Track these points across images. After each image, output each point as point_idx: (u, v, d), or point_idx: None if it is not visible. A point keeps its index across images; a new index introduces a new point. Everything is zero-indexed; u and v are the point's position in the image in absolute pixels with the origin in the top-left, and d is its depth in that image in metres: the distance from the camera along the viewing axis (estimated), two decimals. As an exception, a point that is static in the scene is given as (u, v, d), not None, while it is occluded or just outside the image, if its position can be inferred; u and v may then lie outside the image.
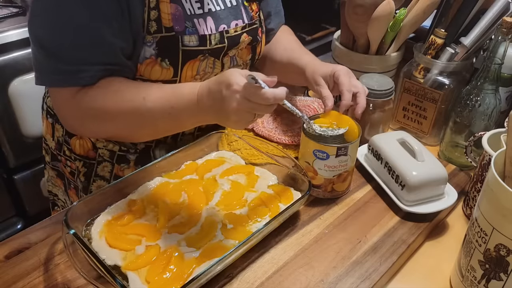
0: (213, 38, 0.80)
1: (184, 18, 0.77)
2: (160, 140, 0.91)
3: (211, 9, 0.81)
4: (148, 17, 0.74)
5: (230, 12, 0.84)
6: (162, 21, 0.75)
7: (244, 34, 0.85)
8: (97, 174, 0.93)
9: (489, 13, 0.86)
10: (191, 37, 0.77)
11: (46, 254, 0.70)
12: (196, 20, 0.78)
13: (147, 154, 0.92)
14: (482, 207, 0.60)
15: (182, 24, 0.77)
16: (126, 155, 0.91)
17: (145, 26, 0.74)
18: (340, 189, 0.81)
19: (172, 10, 0.75)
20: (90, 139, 0.91)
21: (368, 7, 0.90)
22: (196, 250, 0.67)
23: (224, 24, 0.82)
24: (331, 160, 0.76)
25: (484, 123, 0.86)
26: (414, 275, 0.72)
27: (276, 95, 0.64)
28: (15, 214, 1.70)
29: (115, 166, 0.92)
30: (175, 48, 0.77)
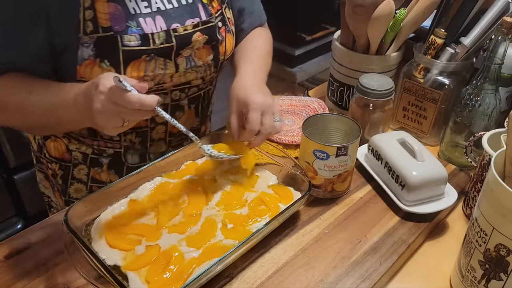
0: (157, 37, 0.76)
1: (125, 17, 0.74)
2: (128, 146, 0.89)
3: (160, 8, 0.78)
4: (84, 17, 0.72)
5: (186, 10, 0.80)
6: (99, 20, 0.72)
7: (197, 33, 0.81)
8: (73, 177, 0.92)
9: (489, 13, 0.86)
10: (131, 36, 0.74)
11: (46, 254, 0.70)
12: (143, 19, 0.76)
13: (119, 159, 0.91)
14: (482, 207, 0.60)
15: (122, 24, 0.74)
16: (99, 158, 0.90)
17: (81, 26, 0.72)
18: (340, 189, 0.81)
19: (110, 10, 0.73)
20: (63, 141, 0.90)
21: (368, 7, 0.90)
22: (196, 250, 0.67)
23: (177, 22, 0.79)
24: (331, 160, 0.76)
25: (484, 123, 0.86)
26: (414, 275, 0.72)
27: (143, 100, 0.61)
28: (15, 214, 1.70)
29: (91, 169, 0.91)
30: (115, 48, 0.74)
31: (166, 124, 0.89)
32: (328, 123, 0.83)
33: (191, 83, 0.86)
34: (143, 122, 0.86)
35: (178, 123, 0.69)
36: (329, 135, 0.84)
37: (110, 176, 0.92)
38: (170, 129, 0.90)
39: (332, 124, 0.83)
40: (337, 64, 1.03)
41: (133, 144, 0.89)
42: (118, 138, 0.87)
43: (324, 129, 0.83)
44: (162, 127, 0.89)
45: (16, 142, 1.55)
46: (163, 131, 0.90)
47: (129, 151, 0.90)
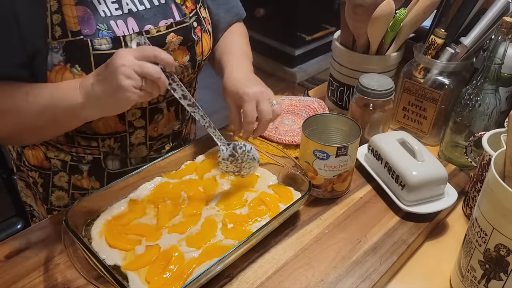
0: (129, 39, 0.74)
1: (95, 20, 0.72)
2: (107, 152, 0.87)
3: (132, 9, 0.75)
4: (51, 21, 0.69)
5: (158, 11, 0.78)
6: (67, 24, 0.70)
7: (171, 34, 0.79)
8: (54, 185, 0.90)
9: (489, 13, 0.86)
10: (102, 40, 0.72)
11: (46, 254, 0.70)
12: (114, 22, 0.73)
13: (99, 165, 0.88)
14: (482, 207, 0.60)
15: (92, 27, 0.72)
16: (78, 165, 0.88)
17: (49, 31, 0.70)
18: (340, 189, 0.81)
19: (79, 13, 0.71)
20: (41, 149, 0.88)
21: (368, 7, 0.90)
22: (196, 250, 0.67)
23: (150, 24, 0.77)
24: (331, 160, 0.76)
25: (484, 123, 0.86)
26: (414, 275, 0.72)
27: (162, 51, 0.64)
28: (15, 214, 1.70)
29: (72, 176, 0.89)
30: (85, 53, 0.72)
31: (146, 128, 0.86)
32: (328, 123, 0.83)
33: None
34: (121, 127, 0.83)
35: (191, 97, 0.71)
36: (329, 135, 0.84)
37: (92, 183, 0.90)
38: (150, 133, 0.88)
39: (332, 124, 0.83)
40: (337, 64, 1.03)
41: (112, 149, 0.87)
42: (96, 144, 0.85)
43: (324, 129, 0.83)
44: (141, 131, 0.86)
45: (16, 142, 1.55)
46: (142, 136, 0.87)
47: (108, 157, 0.88)
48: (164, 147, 0.93)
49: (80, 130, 0.82)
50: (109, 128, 0.83)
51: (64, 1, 0.70)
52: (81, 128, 0.82)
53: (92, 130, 0.83)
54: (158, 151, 0.92)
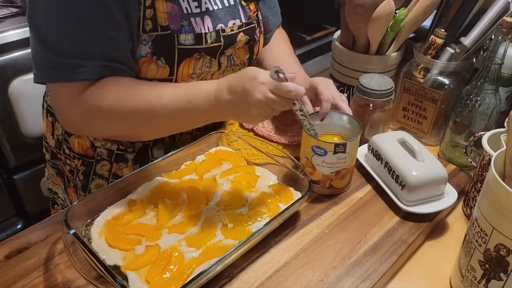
0: (209, 36, 0.80)
1: (180, 16, 0.77)
2: (158, 139, 0.91)
3: (209, 8, 0.81)
4: (144, 15, 0.74)
5: (228, 12, 0.84)
6: (158, 19, 0.75)
7: (240, 34, 0.86)
8: (95, 173, 0.93)
9: (489, 13, 0.86)
10: (187, 35, 0.78)
11: (46, 254, 0.70)
12: (193, 19, 0.79)
13: (145, 154, 0.91)
14: (482, 207, 0.60)
15: (178, 23, 0.77)
16: (124, 154, 0.91)
17: (141, 24, 0.74)
18: (338, 186, 0.81)
19: (168, 9, 0.75)
20: (88, 138, 0.90)
21: (368, 7, 0.90)
22: (196, 250, 0.67)
23: (221, 23, 0.83)
24: (329, 157, 0.76)
25: (484, 123, 0.86)
26: (414, 275, 0.72)
27: (297, 89, 0.66)
28: (15, 214, 1.70)
29: (114, 165, 0.92)
30: (171, 47, 0.77)
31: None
32: (330, 120, 0.83)
33: None
34: None
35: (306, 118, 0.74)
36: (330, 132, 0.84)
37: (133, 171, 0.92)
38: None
39: (335, 121, 0.83)
40: (337, 64, 1.03)
41: (163, 138, 0.91)
42: None
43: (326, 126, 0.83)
44: None
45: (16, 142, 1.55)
46: None
47: (157, 145, 0.92)
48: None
49: None
50: None
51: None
52: None
53: None
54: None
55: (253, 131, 0.95)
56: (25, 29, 1.44)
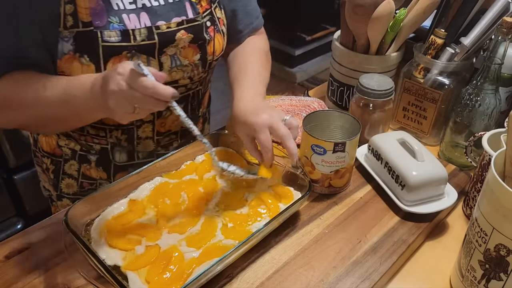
0: (138, 33, 0.75)
1: (107, 13, 0.73)
2: (114, 143, 0.88)
3: (146, 5, 0.77)
4: (64, 11, 0.71)
5: (172, 8, 0.79)
6: (79, 15, 0.72)
7: (181, 31, 0.79)
8: (64, 172, 0.93)
9: (489, 13, 0.86)
10: (112, 32, 0.73)
11: (46, 254, 0.70)
12: (126, 15, 0.75)
13: (106, 156, 0.90)
14: (482, 207, 0.60)
15: (103, 19, 0.73)
16: (87, 155, 0.90)
17: (62, 20, 0.72)
18: (337, 185, 0.81)
19: (92, 4, 0.72)
20: (54, 137, 0.90)
21: (368, 7, 0.90)
22: (196, 250, 0.67)
23: (163, 20, 0.78)
24: (328, 156, 0.76)
25: (484, 123, 0.86)
26: (414, 275, 0.72)
27: (157, 88, 0.60)
28: (15, 214, 1.70)
29: (81, 165, 0.91)
30: (94, 44, 0.73)
31: (153, 122, 0.87)
32: (329, 120, 0.84)
33: (178, 82, 0.85)
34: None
35: (193, 125, 0.67)
36: (330, 131, 0.84)
37: (99, 173, 0.91)
38: (157, 128, 0.89)
39: (334, 121, 0.84)
40: (337, 64, 1.03)
41: (120, 141, 0.88)
42: (104, 134, 0.87)
43: (326, 126, 0.84)
44: (149, 126, 0.87)
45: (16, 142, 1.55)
46: (150, 130, 0.88)
47: (116, 148, 0.89)
48: (172, 144, 0.94)
49: None
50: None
51: None
52: None
53: (100, 120, 0.84)
54: (165, 147, 0.93)
55: (253, 131, 0.95)
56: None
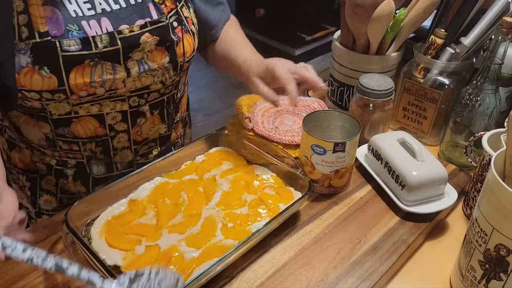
0: (99, 40, 0.71)
1: (64, 21, 0.70)
2: (89, 156, 0.85)
3: (106, 9, 0.73)
4: (18, 22, 0.67)
5: (135, 10, 0.75)
6: (34, 25, 0.68)
7: (145, 34, 0.75)
8: (42, 188, 0.89)
9: (489, 13, 0.86)
10: (71, 41, 0.70)
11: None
12: (86, 22, 0.71)
13: (84, 170, 0.86)
14: (482, 207, 0.60)
15: (61, 28, 0.69)
16: (63, 169, 0.86)
17: (16, 32, 0.68)
18: (337, 185, 0.81)
19: (47, 13, 0.68)
20: (27, 152, 0.86)
21: (368, 7, 0.90)
22: (196, 250, 0.67)
23: (125, 24, 0.74)
24: (328, 156, 0.76)
25: (484, 123, 0.86)
26: (414, 275, 0.72)
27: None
28: (15, 214, 1.70)
29: (59, 179, 0.87)
30: (54, 54, 0.69)
31: (128, 132, 0.84)
32: (329, 120, 0.84)
33: (150, 88, 0.81)
34: (101, 131, 0.81)
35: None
36: (330, 131, 0.84)
37: (77, 187, 0.88)
38: (133, 137, 0.86)
39: (334, 121, 0.84)
40: (337, 64, 1.03)
41: (95, 153, 0.84)
42: (78, 148, 0.83)
43: (326, 125, 0.84)
44: (124, 135, 0.84)
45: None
46: (126, 140, 0.85)
47: (92, 161, 0.85)
48: (152, 152, 0.91)
49: (60, 133, 0.80)
50: (88, 131, 0.81)
51: (31, 1, 0.68)
52: (60, 132, 0.80)
53: (72, 134, 0.81)
54: (145, 155, 0.90)
55: (253, 131, 0.95)
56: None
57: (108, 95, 0.77)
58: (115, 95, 0.78)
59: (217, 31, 0.94)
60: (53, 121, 0.78)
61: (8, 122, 0.84)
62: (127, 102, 0.81)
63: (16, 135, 0.85)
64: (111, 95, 0.77)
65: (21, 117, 0.80)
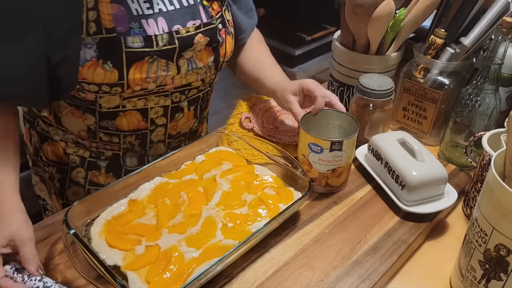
0: (160, 39, 0.76)
1: (128, 18, 0.74)
2: (127, 148, 0.89)
3: (162, 9, 0.77)
4: (87, 18, 0.71)
5: (187, 12, 0.80)
6: (102, 22, 0.72)
7: (199, 35, 0.81)
8: (71, 180, 0.92)
9: (489, 13, 0.86)
10: (135, 38, 0.74)
11: (46, 254, 0.70)
12: (145, 20, 0.75)
13: (117, 162, 0.91)
14: (482, 207, 0.60)
15: (125, 25, 0.74)
16: (96, 161, 0.90)
17: (84, 27, 0.72)
18: (334, 184, 0.81)
19: (114, 11, 0.73)
20: (61, 145, 0.90)
21: (368, 7, 0.90)
22: (196, 250, 0.67)
23: (178, 24, 0.79)
24: (325, 154, 0.76)
25: (484, 123, 0.86)
26: (414, 275, 0.72)
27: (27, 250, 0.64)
28: (15, 214, 1.70)
29: (89, 172, 0.91)
30: (118, 50, 0.74)
31: (166, 126, 0.89)
32: (328, 119, 0.84)
33: (191, 84, 0.86)
34: (143, 124, 0.86)
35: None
36: (328, 131, 0.84)
37: (108, 179, 0.92)
38: (169, 131, 0.91)
39: (332, 121, 0.84)
40: (337, 64, 1.03)
41: (133, 146, 0.89)
42: (118, 140, 0.87)
43: (324, 125, 0.84)
44: (161, 129, 0.89)
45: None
46: (162, 133, 0.90)
47: (128, 154, 0.90)
48: (181, 145, 0.95)
49: (103, 126, 0.85)
50: (131, 125, 0.85)
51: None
52: (104, 124, 0.84)
53: (115, 127, 0.85)
54: (174, 149, 0.93)
55: (253, 131, 0.95)
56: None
57: (156, 90, 0.81)
58: (162, 90, 0.82)
59: (245, 36, 1.00)
60: (100, 113, 0.83)
61: (48, 112, 0.88)
62: (170, 97, 0.85)
63: (52, 127, 0.89)
64: (159, 91, 0.82)
65: (65, 108, 0.84)
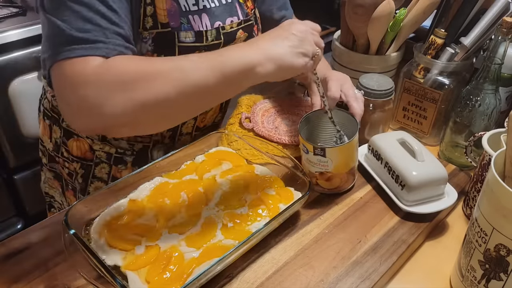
0: (210, 34, 0.80)
1: (179, 14, 0.77)
2: (157, 140, 0.91)
3: (206, 6, 0.81)
4: (144, 12, 0.74)
5: (225, 9, 0.84)
6: (158, 16, 0.75)
7: (240, 31, 0.86)
8: (94, 176, 0.94)
9: (489, 13, 0.86)
10: (187, 33, 0.78)
11: (46, 254, 0.70)
12: (191, 16, 0.79)
13: (145, 155, 0.92)
14: (482, 207, 0.60)
15: (177, 20, 0.77)
16: (123, 157, 0.92)
17: (141, 21, 0.74)
18: (325, 186, 0.81)
19: (168, 6, 0.76)
20: (87, 141, 0.91)
21: (368, 7, 0.90)
22: (196, 250, 0.67)
23: (219, 20, 0.83)
24: (311, 156, 0.77)
25: (484, 123, 0.86)
26: (414, 275, 0.72)
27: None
28: (15, 214, 1.70)
29: (113, 167, 0.93)
30: (171, 44, 0.77)
31: (196, 118, 0.93)
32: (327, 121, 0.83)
33: None
34: None
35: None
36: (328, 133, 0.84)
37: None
38: (198, 124, 0.94)
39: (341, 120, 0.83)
40: (337, 64, 1.03)
41: (163, 138, 0.92)
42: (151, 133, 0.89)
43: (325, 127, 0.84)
44: (191, 121, 0.93)
45: (16, 142, 1.55)
46: (192, 125, 0.93)
47: (157, 146, 0.92)
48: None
49: None
50: None
51: None
52: None
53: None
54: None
55: (253, 131, 0.95)
56: (25, 29, 1.44)
57: None
58: None
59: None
60: None
61: None
62: None
63: None
64: None
65: None
